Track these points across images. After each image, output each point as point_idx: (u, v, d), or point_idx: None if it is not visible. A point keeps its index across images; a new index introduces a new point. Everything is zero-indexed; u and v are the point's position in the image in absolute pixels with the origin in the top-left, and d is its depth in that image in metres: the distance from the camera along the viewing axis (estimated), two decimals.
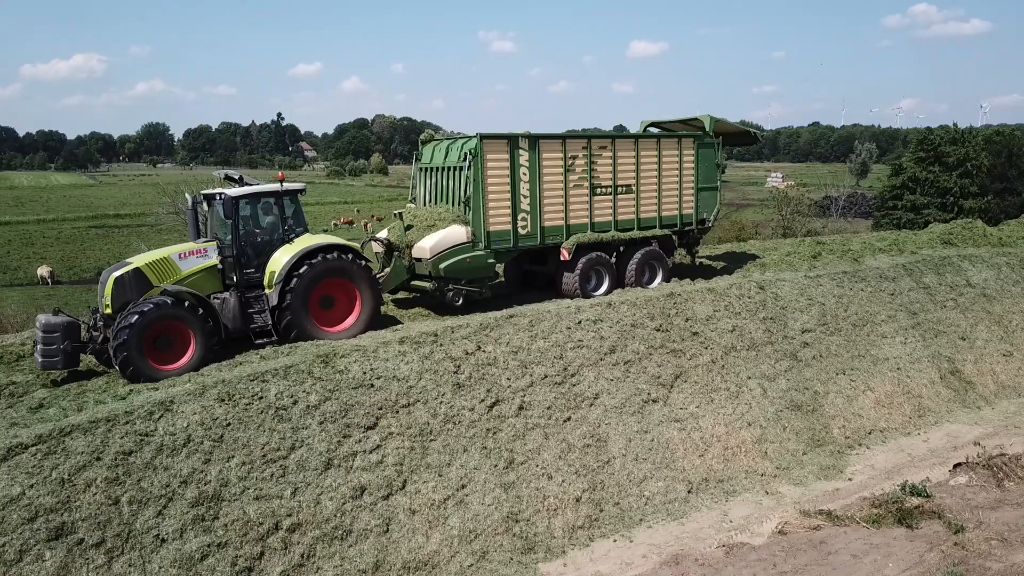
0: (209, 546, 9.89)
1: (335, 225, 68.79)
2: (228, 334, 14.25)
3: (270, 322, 14.59)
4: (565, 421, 13.45)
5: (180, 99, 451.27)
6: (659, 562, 10.56)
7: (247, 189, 15.05)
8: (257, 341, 14.43)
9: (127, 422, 10.53)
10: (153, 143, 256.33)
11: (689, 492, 13.64)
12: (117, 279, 13.56)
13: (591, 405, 13.87)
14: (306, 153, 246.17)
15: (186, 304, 13.41)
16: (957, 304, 20.57)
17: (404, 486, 11.53)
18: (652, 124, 23.08)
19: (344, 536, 10.75)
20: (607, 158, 19.19)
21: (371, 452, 11.62)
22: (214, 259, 14.56)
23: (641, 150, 19.92)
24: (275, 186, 15.23)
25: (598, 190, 19.10)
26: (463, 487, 11.92)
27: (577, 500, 12.66)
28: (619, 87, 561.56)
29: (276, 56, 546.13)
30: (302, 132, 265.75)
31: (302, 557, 10.35)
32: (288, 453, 11.10)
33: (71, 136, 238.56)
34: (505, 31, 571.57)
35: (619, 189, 19.50)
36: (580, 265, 18.53)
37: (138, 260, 14.01)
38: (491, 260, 17.48)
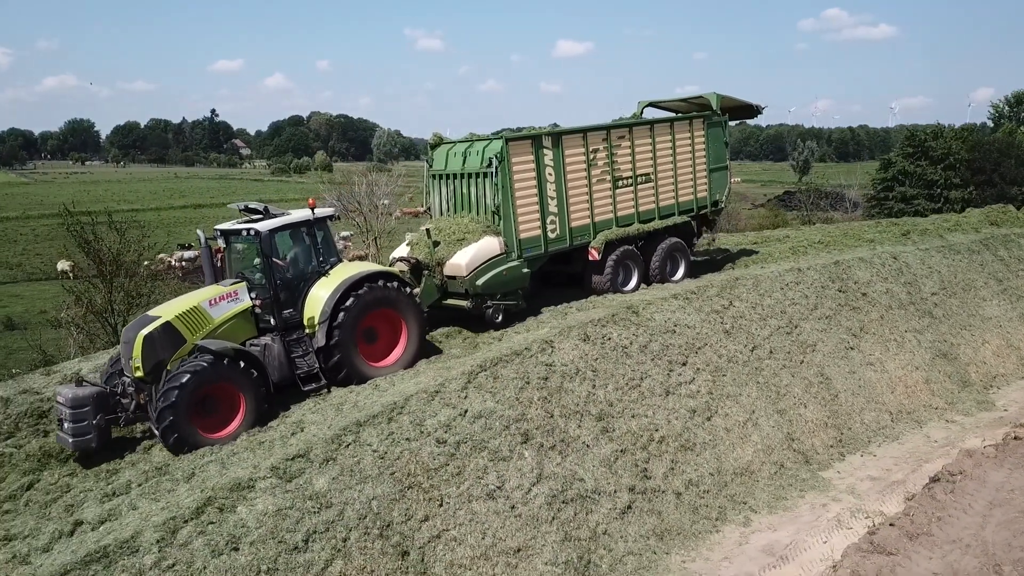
0: (615, 451, 12.27)
1: None
2: (275, 386, 12.87)
3: (316, 365, 13.25)
4: (801, 363, 16.19)
5: (95, 94, 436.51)
6: (957, 454, 13.37)
7: (280, 221, 13.49)
8: (305, 388, 13.14)
9: (531, 356, 12.83)
10: (78, 140, 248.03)
11: (892, 421, 16.57)
12: (147, 337, 11.94)
13: (813, 351, 16.64)
14: (241, 151, 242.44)
15: (227, 362, 12.04)
16: None
17: (717, 410, 14.08)
18: (650, 104, 22.51)
19: (691, 447, 13.24)
20: (626, 148, 18.43)
21: (689, 383, 14.14)
22: (246, 302, 13.06)
23: (656, 136, 19.16)
24: (307, 214, 13.73)
25: (620, 183, 18.33)
26: (753, 412, 14.54)
27: (825, 425, 15.44)
28: (547, 86, 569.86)
29: (195, 52, 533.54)
30: (234, 129, 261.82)
31: (671, 462, 12.81)
32: (640, 382, 13.55)
33: None
34: (432, 29, 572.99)
35: (639, 179, 18.79)
36: (610, 262, 17.78)
37: (166, 312, 12.43)
38: (525, 269, 16.44)
